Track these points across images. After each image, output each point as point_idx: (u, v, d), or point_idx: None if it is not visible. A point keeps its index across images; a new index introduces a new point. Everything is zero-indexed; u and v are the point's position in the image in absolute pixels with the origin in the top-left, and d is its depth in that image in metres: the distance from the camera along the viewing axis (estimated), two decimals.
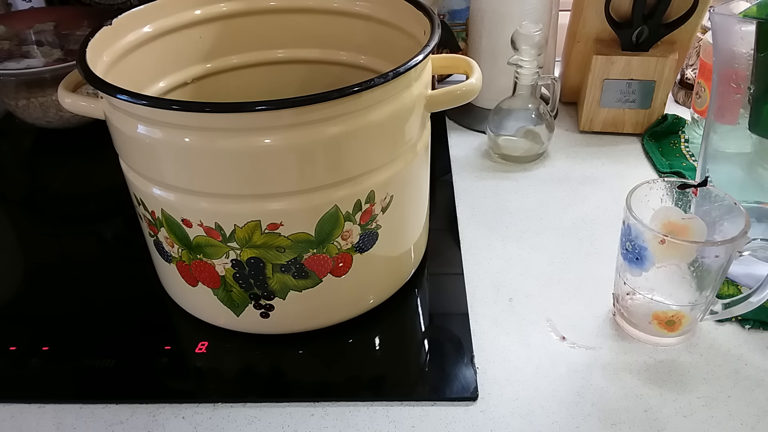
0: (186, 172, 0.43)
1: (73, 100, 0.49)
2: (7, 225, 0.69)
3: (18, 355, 0.51)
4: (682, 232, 0.48)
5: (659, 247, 0.45)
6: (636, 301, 0.50)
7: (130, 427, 0.46)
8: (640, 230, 0.46)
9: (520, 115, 0.71)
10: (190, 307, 0.53)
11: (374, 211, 0.47)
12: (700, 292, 0.47)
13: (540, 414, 0.45)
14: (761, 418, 0.45)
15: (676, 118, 0.76)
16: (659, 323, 0.49)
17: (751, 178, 0.64)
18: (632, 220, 0.46)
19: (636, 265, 0.47)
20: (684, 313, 0.48)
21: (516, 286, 0.56)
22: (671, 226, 0.49)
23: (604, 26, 0.72)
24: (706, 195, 0.49)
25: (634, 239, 0.46)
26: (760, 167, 0.67)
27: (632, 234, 0.46)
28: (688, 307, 0.48)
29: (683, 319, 0.49)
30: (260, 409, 0.47)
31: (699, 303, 0.48)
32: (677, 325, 0.49)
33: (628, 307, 0.51)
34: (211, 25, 0.59)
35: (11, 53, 0.78)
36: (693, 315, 0.49)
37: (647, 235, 0.45)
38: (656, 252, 0.46)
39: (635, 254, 0.47)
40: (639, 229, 0.46)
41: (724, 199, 0.48)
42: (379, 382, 0.48)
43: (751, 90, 0.53)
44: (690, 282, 0.47)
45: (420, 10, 0.51)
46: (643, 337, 0.50)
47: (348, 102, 0.42)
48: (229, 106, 0.39)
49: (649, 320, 0.49)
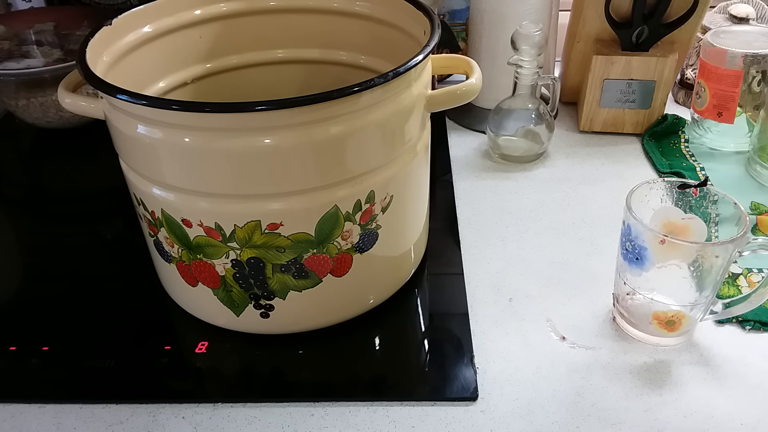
0: (186, 172, 0.43)
1: (73, 100, 0.49)
2: (7, 225, 0.69)
3: (18, 355, 0.51)
4: (682, 232, 0.48)
5: (659, 247, 0.45)
6: (636, 302, 0.50)
7: (130, 427, 0.46)
8: (640, 230, 0.46)
9: (520, 115, 0.71)
10: (190, 307, 0.53)
11: (374, 211, 0.47)
12: (700, 292, 0.47)
13: (540, 414, 0.45)
14: (761, 418, 0.45)
15: (676, 118, 0.76)
16: (659, 323, 0.49)
17: None
18: (632, 220, 0.46)
19: (636, 265, 0.47)
20: (684, 313, 0.48)
21: (516, 286, 0.56)
22: (671, 226, 0.49)
23: (604, 26, 0.72)
24: (706, 195, 0.49)
25: (634, 239, 0.46)
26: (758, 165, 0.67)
27: (632, 234, 0.46)
28: (688, 307, 0.48)
29: (683, 319, 0.49)
30: (260, 409, 0.47)
31: (699, 303, 0.48)
32: (677, 325, 0.49)
33: (628, 308, 0.51)
34: (211, 25, 0.59)
35: (11, 53, 0.78)
36: (693, 315, 0.49)
37: (647, 235, 0.45)
38: (656, 252, 0.45)
39: (635, 254, 0.47)
40: (639, 229, 0.46)
41: (723, 200, 0.48)
42: (379, 382, 0.48)
43: None
44: (690, 282, 0.47)
45: (420, 10, 0.51)
46: (643, 338, 0.50)
47: (348, 102, 0.42)
48: (229, 106, 0.39)
49: (649, 320, 0.49)
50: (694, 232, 0.48)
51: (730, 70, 0.68)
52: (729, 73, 0.68)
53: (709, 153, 0.73)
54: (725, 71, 0.69)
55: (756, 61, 0.67)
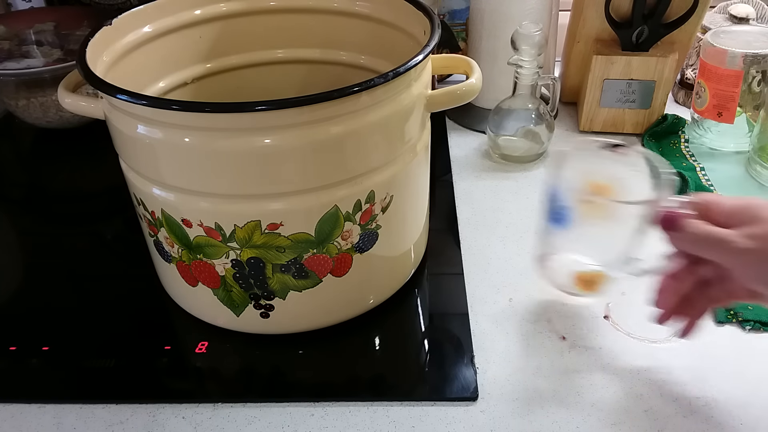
0: (186, 172, 0.43)
1: (73, 100, 0.49)
2: (7, 225, 0.69)
3: (18, 355, 0.51)
4: (605, 191, 0.49)
5: (580, 206, 0.45)
6: (557, 262, 0.50)
7: (130, 427, 0.46)
8: (562, 190, 0.46)
9: (520, 115, 0.71)
10: (190, 307, 0.53)
11: (374, 211, 0.47)
12: (621, 252, 0.47)
13: (540, 414, 0.45)
14: (761, 418, 0.45)
15: (676, 118, 0.76)
16: (580, 282, 0.49)
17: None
18: (554, 180, 0.46)
19: (559, 224, 0.47)
20: (603, 272, 0.49)
21: (516, 286, 0.56)
22: (595, 186, 0.49)
23: (604, 26, 0.72)
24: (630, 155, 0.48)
25: (556, 199, 0.47)
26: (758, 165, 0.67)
27: (554, 194, 0.47)
28: (607, 267, 0.48)
29: (602, 279, 0.49)
30: (260, 409, 0.47)
31: (618, 262, 0.48)
32: (597, 284, 0.50)
33: (551, 267, 0.51)
34: (211, 25, 0.59)
35: (11, 53, 0.78)
36: (612, 274, 0.49)
37: (569, 195, 0.45)
38: (577, 212, 0.46)
39: (557, 214, 0.47)
40: (560, 189, 0.46)
41: (646, 160, 0.47)
42: (379, 382, 0.48)
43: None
44: (611, 241, 0.47)
45: (420, 10, 0.51)
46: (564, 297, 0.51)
47: (348, 102, 0.42)
48: (229, 106, 0.39)
49: (571, 280, 0.50)
50: (617, 192, 0.48)
51: (730, 70, 0.68)
52: (729, 73, 0.68)
53: (709, 153, 0.73)
54: (725, 71, 0.69)
55: (756, 61, 0.67)
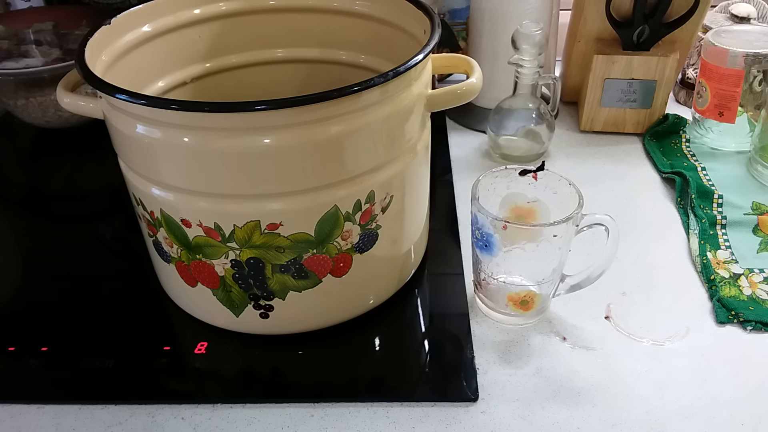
0: (185, 172, 0.43)
1: (72, 100, 0.49)
2: (6, 225, 0.69)
3: (17, 355, 0.51)
4: (528, 215, 0.51)
5: (503, 232, 0.47)
6: (492, 285, 0.51)
7: (129, 427, 0.45)
8: (485, 219, 0.47)
9: (520, 115, 0.70)
10: (189, 307, 0.53)
11: (374, 211, 0.47)
12: (548, 270, 0.49)
13: (540, 414, 0.45)
14: (763, 419, 0.45)
15: (677, 117, 0.76)
16: (514, 304, 0.51)
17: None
18: (477, 209, 0.48)
19: (486, 251, 0.49)
20: (535, 291, 0.50)
21: None
22: (519, 210, 0.51)
23: (605, 25, 0.72)
24: (546, 178, 0.50)
25: (480, 227, 0.48)
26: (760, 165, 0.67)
27: (479, 222, 0.48)
28: (538, 286, 0.50)
29: (535, 298, 0.50)
30: (260, 410, 0.46)
31: (547, 281, 0.50)
32: (531, 304, 0.51)
33: (486, 292, 0.52)
34: (210, 24, 0.59)
35: (10, 53, 0.78)
36: (544, 292, 0.51)
37: (491, 223, 0.47)
38: (502, 237, 0.47)
39: (483, 241, 0.49)
40: (484, 218, 0.47)
41: (561, 181, 0.50)
42: (379, 383, 0.48)
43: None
44: (537, 262, 0.48)
45: (420, 9, 0.51)
46: (502, 319, 0.52)
47: (348, 101, 0.41)
48: (229, 105, 0.39)
49: (506, 302, 0.51)
50: (539, 215, 0.51)
51: (731, 69, 0.68)
52: (730, 72, 0.68)
53: (710, 153, 0.72)
54: (726, 71, 0.68)
55: (757, 61, 0.67)
